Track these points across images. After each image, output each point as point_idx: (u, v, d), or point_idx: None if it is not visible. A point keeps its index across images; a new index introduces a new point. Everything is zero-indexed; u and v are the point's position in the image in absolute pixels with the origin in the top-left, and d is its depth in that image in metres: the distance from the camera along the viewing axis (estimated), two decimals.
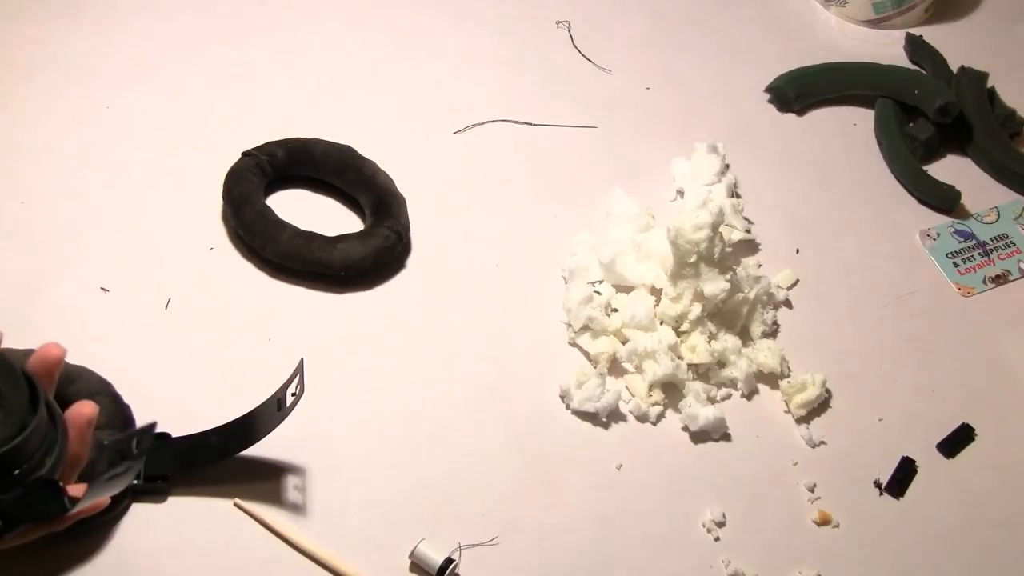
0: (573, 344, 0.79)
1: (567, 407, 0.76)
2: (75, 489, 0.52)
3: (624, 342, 0.78)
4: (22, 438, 0.47)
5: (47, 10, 0.95)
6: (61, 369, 0.54)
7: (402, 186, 0.84)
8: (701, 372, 0.79)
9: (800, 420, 0.78)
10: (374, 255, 0.79)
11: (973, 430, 0.79)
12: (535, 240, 0.85)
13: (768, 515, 0.73)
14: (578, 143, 0.93)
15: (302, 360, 0.67)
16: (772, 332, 0.82)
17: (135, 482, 0.66)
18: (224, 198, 0.81)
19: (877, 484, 0.75)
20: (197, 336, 0.75)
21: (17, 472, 0.48)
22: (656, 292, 0.80)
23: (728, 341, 0.79)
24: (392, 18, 1.00)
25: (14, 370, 0.49)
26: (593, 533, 0.70)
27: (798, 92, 0.98)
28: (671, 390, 0.77)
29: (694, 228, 0.76)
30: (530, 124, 0.93)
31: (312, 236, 0.79)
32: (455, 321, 0.79)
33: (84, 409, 0.53)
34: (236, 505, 0.67)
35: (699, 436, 0.76)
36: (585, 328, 0.79)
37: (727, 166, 0.90)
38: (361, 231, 0.80)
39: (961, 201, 0.92)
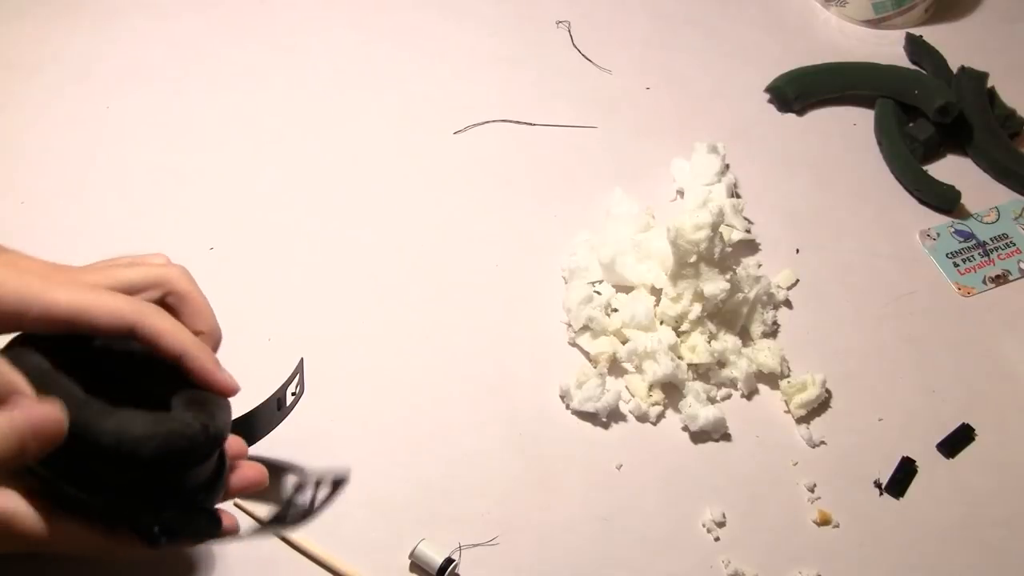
0: (573, 344, 0.79)
1: (567, 407, 0.76)
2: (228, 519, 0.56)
3: (624, 342, 0.78)
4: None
5: (47, 10, 0.95)
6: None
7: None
8: (701, 372, 0.79)
9: (800, 420, 0.78)
10: (162, 438, 0.50)
11: (973, 430, 0.79)
12: (535, 240, 0.85)
13: (768, 515, 0.73)
14: (578, 143, 0.93)
15: (302, 360, 0.67)
16: (772, 332, 0.82)
17: None
18: None
19: (877, 484, 0.75)
20: None
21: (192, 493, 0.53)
22: (656, 292, 0.80)
23: (728, 341, 0.79)
24: (392, 18, 1.00)
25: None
26: (593, 533, 0.70)
27: (798, 92, 0.98)
28: (671, 390, 0.77)
29: (694, 228, 0.76)
30: (530, 124, 0.93)
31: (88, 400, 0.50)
32: (455, 321, 0.79)
33: (249, 473, 0.59)
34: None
35: (699, 436, 0.76)
36: (585, 328, 0.79)
37: (727, 166, 0.90)
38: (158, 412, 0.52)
39: (961, 201, 0.92)
